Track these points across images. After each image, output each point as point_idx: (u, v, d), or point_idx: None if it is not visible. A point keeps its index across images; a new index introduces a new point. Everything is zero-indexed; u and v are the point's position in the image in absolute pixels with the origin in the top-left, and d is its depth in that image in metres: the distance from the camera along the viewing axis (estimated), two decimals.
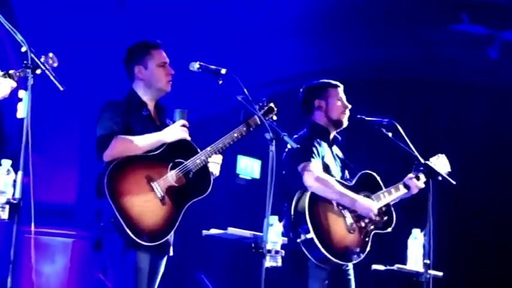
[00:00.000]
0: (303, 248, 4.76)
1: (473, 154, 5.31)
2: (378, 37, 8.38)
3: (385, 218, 5.02)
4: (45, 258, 7.57)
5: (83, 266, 7.71)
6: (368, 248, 4.91)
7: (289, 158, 4.99)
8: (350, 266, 5.02)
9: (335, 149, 5.24)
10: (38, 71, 3.74)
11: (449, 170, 5.27)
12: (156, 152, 4.38)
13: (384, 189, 5.08)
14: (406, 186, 5.12)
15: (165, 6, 7.63)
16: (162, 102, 4.68)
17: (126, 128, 4.40)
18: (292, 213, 4.84)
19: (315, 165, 4.91)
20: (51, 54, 3.91)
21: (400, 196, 5.14)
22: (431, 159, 5.22)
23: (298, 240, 4.79)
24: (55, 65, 3.88)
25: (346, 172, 5.20)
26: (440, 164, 5.24)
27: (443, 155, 5.30)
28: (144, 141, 4.36)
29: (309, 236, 4.74)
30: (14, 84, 3.74)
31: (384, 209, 5.03)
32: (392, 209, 5.08)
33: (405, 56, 8.68)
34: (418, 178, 5.13)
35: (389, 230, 5.02)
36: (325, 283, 4.86)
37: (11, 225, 3.51)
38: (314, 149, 4.98)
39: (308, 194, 4.82)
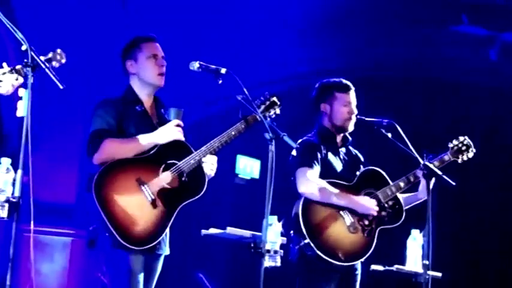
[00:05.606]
0: (306, 253, 4.78)
1: (473, 154, 5.29)
2: (379, 37, 8.38)
3: (392, 212, 4.98)
4: (44, 257, 7.56)
5: (81, 265, 7.71)
6: (373, 246, 4.90)
7: (292, 164, 4.98)
8: (358, 266, 5.01)
9: (345, 149, 5.21)
10: (42, 64, 3.69)
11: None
12: (148, 154, 4.29)
13: (391, 183, 5.05)
14: (416, 177, 5.01)
15: (167, 4, 7.62)
16: (160, 97, 4.59)
17: (119, 126, 4.32)
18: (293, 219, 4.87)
19: (313, 172, 4.90)
20: (59, 51, 3.87)
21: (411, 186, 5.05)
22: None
23: (297, 247, 4.81)
24: (63, 61, 3.83)
25: (358, 172, 5.13)
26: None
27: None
28: (135, 144, 4.27)
29: (306, 241, 4.77)
30: (20, 80, 3.69)
31: (390, 203, 5.01)
32: (402, 202, 5.05)
33: (406, 56, 8.68)
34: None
35: (398, 224, 4.99)
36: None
37: (10, 224, 3.50)
38: (316, 155, 4.96)
39: (301, 200, 4.84)
